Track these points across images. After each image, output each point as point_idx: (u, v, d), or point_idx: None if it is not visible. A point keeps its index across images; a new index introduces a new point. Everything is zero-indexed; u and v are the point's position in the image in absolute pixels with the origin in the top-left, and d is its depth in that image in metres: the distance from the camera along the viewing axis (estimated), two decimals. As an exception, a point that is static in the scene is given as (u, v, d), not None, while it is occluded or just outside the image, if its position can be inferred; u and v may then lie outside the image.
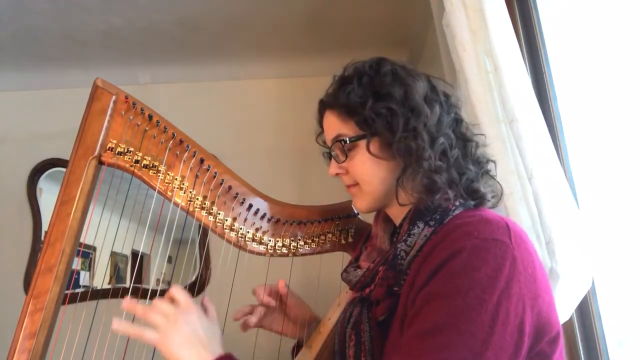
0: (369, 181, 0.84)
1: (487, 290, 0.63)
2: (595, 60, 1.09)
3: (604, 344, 0.99)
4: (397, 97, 0.79)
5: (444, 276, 0.67)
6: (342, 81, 0.86)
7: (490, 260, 0.65)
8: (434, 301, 0.66)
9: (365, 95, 0.81)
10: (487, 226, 0.70)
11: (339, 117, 0.85)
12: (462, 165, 0.80)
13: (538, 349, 0.67)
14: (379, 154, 0.81)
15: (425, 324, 0.65)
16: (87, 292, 1.97)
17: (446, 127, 0.81)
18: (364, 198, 0.86)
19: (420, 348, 0.63)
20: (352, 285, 0.86)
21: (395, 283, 0.76)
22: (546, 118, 0.99)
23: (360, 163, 0.83)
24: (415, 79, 0.82)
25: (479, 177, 0.81)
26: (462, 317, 0.62)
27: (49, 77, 2.20)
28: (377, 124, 0.79)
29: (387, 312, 0.78)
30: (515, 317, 0.63)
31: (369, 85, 0.81)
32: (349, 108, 0.82)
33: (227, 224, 0.98)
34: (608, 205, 1.04)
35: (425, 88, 0.82)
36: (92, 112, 0.94)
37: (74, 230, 0.88)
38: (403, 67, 0.85)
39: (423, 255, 0.73)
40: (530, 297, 0.66)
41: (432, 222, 0.77)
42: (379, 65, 0.84)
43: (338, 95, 0.84)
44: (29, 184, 2.11)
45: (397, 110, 0.78)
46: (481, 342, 0.61)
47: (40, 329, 0.83)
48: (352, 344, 0.80)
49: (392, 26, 1.99)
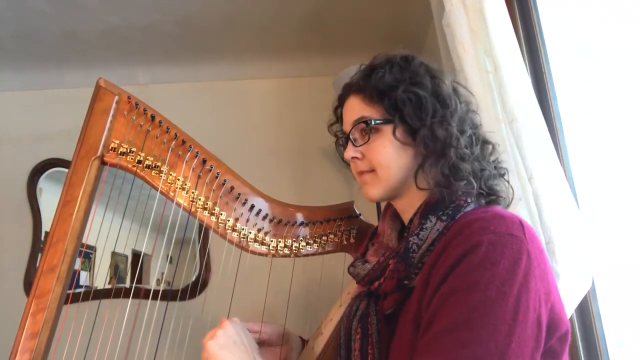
0: (387, 166, 0.83)
1: (507, 283, 0.64)
2: (595, 60, 1.09)
3: (604, 344, 0.99)
4: (429, 87, 0.81)
5: (462, 271, 0.67)
6: (372, 68, 0.86)
7: (507, 255, 0.65)
8: (453, 297, 0.66)
9: (398, 80, 0.82)
10: (502, 221, 0.70)
11: (364, 100, 0.85)
12: (482, 162, 0.81)
13: (549, 345, 0.68)
14: (403, 139, 0.82)
15: (447, 320, 0.65)
16: (89, 292, 1.97)
17: (470, 124, 0.83)
18: (379, 185, 0.85)
19: (444, 345, 0.63)
20: (360, 279, 0.86)
21: (406, 276, 0.76)
22: (546, 118, 1.00)
23: (381, 147, 0.83)
24: (442, 75, 0.85)
25: (495, 177, 0.83)
26: (484, 311, 0.63)
27: (49, 77, 2.20)
28: (407, 108, 0.80)
29: (394, 306, 0.78)
30: (534, 310, 0.64)
31: (401, 72, 0.83)
32: (379, 91, 0.83)
33: (229, 225, 0.99)
34: (608, 205, 1.05)
35: (451, 88, 0.84)
36: (95, 112, 0.94)
37: (77, 230, 0.89)
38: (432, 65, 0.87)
39: (437, 251, 0.73)
40: (544, 292, 0.66)
41: (445, 217, 0.77)
42: (409, 58, 0.86)
43: (367, 80, 0.85)
44: (29, 184, 2.11)
45: (428, 98, 0.80)
46: (505, 335, 0.61)
47: (43, 329, 0.83)
48: (358, 337, 0.80)
49: (392, 26, 1.99)
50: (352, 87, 0.88)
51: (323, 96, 0.91)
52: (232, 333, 0.84)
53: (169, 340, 1.06)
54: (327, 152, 2.09)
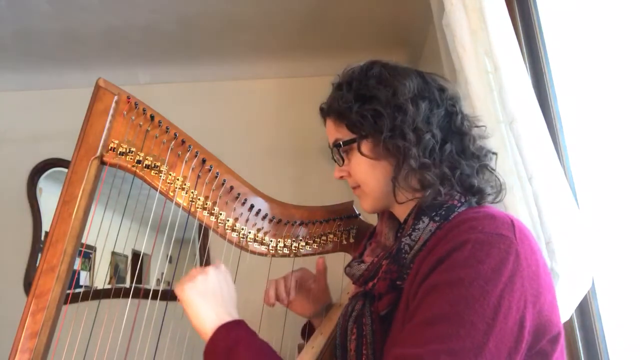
0: (365, 182, 0.86)
1: (490, 282, 0.64)
2: (595, 60, 1.09)
3: (604, 344, 0.99)
4: (382, 98, 0.81)
5: (447, 267, 0.67)
6: (335, 88, 0.89)
7: (494, 254, 0.66)
8: (436, 291, 0.66)
9: (351, 99, 0.84)
10: (492, 222, 0.70)
11: (334, 123, 0.89)
12: (456, 160, 0.80)
13: (538, 347, 0.67)
14: (370, 154, 0.83)
15: (427, 313, 0.65)
16: (88, 291, 1.98)
17: (437, 122, 0.81)
18: (366, 199, 0.88)
19: (422, 337, 0.64)
20: (355, 279, 0.86)
21: (399, 277, 0.76)
22: (546, 118, 0.99)
23: (356, 165, 0.86)
24: (403, 78, 0.83)
25: (474, 171, 0.81)
26: (465, 307, 0.63)
27: (49, 77, 2.20)
28: (364, 126, 0.82)
29: (389, 307, 0.78)
30: (516, 311, 0.64)
31: (356, 89, 0.85)
32: (339, 113, 0.86)
33: (228, 225, 0.99)
34: (608, 205, 1.04)
35: (415, 86, 0.83)
36: (94, 112, 0.94)
37: (76, 230, 0.89)
38: (393, 67, 0.86)
39: (427, 250, 0.73)
40: (532, 294, 0.66)
41: (437, 218, 0.77)
42: (367, 69, 0.86)
43: (331, 102, 0.88)
44: (29, 184, 2.11)
45: (382, 111, 0.81)
46: (483, 333, 0.61)
47: (42, 329, 0.83)
48: (353, 338, 0.80)
49: (392, 26, 1.99)
50: (324, 111, 0.92)
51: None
52: (212, 280, 0.85)
53: (169, 340, 1.06)
54: (326, 152, 2.08)
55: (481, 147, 0.85)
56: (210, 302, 0.82)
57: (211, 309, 0.81)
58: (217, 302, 0.83)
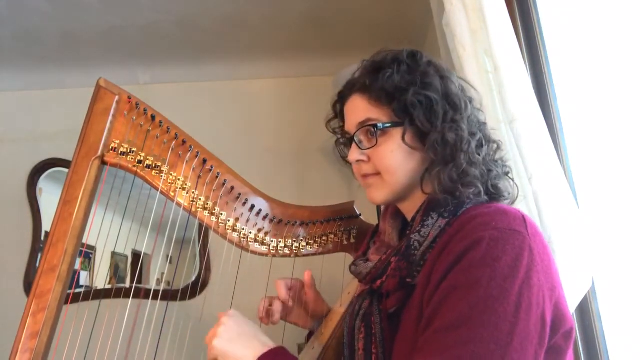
0: (394, 171, 0.81)
1: (508, 280, 0.63)
2: (595, 60, 1.09)
3: (604, 344, 0.99)
4: (439, 88, 0.79)
5: (464, 268, 0.66)
6: (377, 66, 0.83)
7: (509, 250, 0.65)
8: (454, 294, 0.65)
9: (407, 81, 0.79)
10: (504, 217, 0.69)
11: (370, 101, 0.82)
12: (490, 163, 0.80)
13: (554, 341, 0.67)
14: (412, 143, 0.79)
15: (448, 318, 0.64)
16: (89, 292, 1.98)
17: (476, 125, 0.81)
18: (384, 189, 0.83)
19: (445, 343, 0.62)
20: (361, 277, 0.85)
21: (408, 274, 0.75)
22: (546, 118, 1.00)
23: (388, 151, 0.80)
24: (452, 75, 0.83)
25: (500, 176, 0.81)
26: (485, 308, 0.62)
27: (49, 77, 2.21)
28: (418, 112, 0.77)
29: (397, 304, 0.77)
30: (537, 307, 0.63)
31: (410, 72, 0.80)
32: (388, 92, 0.79)
33: (229, 225, 0.99)
34: (608, 205, 1.04)
35: (459, 85, 0.83)
36: (95, 112, 0.94)
37: (77, 230, 0.89)
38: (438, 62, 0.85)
39: (439, 248, 0.72)
40: (549, 288, 0.66)
41: (446, 214, 0.76)
42: (417, 56, 0.83)
43: (373, 79, 0.81)
44: (29, 184, 2.11)
45: (439, 100, 0.78)
46: (506, 333, 0.61)
47: (43, 329, 0.83)
48: (361, 336, 0.79)
49: (392, 26, 1.99)
50: (356, 86, 0.85)
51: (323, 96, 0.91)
52: (233, 326, 0.84)
53: (169, 340, 1.06)
54: (327, 152, 2.09)
55: (502, 157, 0.85)
56: (242, 342, 0.82)
57: (245, 348, 0.81)
58: (248, 339, 0.82)
